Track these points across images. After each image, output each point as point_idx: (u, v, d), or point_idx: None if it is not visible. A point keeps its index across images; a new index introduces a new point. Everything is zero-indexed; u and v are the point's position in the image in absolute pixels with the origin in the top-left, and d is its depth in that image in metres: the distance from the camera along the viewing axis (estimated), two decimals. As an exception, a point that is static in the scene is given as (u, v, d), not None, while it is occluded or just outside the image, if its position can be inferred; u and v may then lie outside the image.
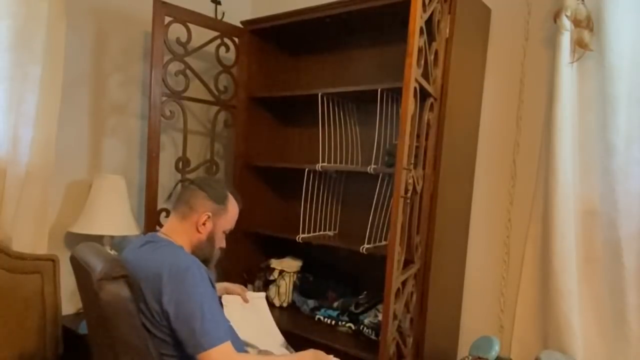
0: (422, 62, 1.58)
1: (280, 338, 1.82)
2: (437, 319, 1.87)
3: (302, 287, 2.36)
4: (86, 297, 1.46)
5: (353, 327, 2.04)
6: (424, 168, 1.73)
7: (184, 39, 2.26)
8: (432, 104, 1.72)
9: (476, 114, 2.04)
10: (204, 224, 1.51)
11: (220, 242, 1.59)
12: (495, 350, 1.73)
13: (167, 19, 2.17)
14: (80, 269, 1.40)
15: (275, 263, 2.41)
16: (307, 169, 2.21)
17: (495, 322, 2.00)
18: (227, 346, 1.32)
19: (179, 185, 2.34)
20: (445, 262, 1.90)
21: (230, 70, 2.47)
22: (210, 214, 1.52)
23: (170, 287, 1.31)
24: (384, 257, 1.47)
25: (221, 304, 1.71)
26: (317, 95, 2.15)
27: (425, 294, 1.79)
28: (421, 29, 1.52)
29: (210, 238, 1.54)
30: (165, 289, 1.31)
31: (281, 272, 2.38)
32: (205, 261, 1.51)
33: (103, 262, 1.29)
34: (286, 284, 2.36)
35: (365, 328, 1.98)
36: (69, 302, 2.25)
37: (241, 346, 1.56)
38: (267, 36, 2.49)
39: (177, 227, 1.52)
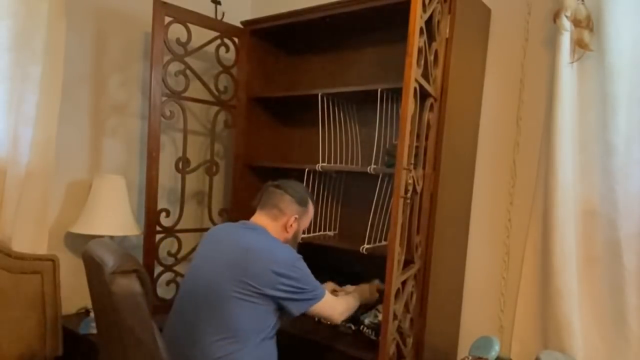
0: (422, 62, 1.57)
1: None
2: (437, 319, 1.87)
3: (302, 287, 2.35)
4: (97, 292, 1.48)
5: (353, 327, 2.04)
6: (424, 168, 1.73)
7: (184, 39, 2.26)
8: (432, 104, 1.72)
9: (476, 114, 2.04)
10: (291, 225, 1.74)
11: (299, 238, 1.87)
12: (495, 350, 1.73)
13: (167, 19, 2.17)
14: (92, 264, 1.43)
15: (275, 263, 2.41)
16: (307, 169, 2.21)
17: (495, 322, 2.00)
18: (330, 295, 1.70)
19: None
20: (445, 262, 1.90)
21: (230, 70, 2.47)
22: (297, 216, 1.75)
23: (286, 276, 1.56)
24: (384, 257, 1.46)
25: None
26: (317, 95, 2.15)
27: (425, 294, 1.79)
28: (421, 29, 1.52)
29: (295, 236, 1.80)
30: (281, 277, 1.55)
31: (281, 272, 2.38)
32: None
33: (116, 257, 1.34)
34: (286, 284, 2.35)
35: (365, 328, 1.98)
36: (69, 302, 2.25)
37: None
38: (267, 36, 2.49)
39: (270, 226, 1.73)
